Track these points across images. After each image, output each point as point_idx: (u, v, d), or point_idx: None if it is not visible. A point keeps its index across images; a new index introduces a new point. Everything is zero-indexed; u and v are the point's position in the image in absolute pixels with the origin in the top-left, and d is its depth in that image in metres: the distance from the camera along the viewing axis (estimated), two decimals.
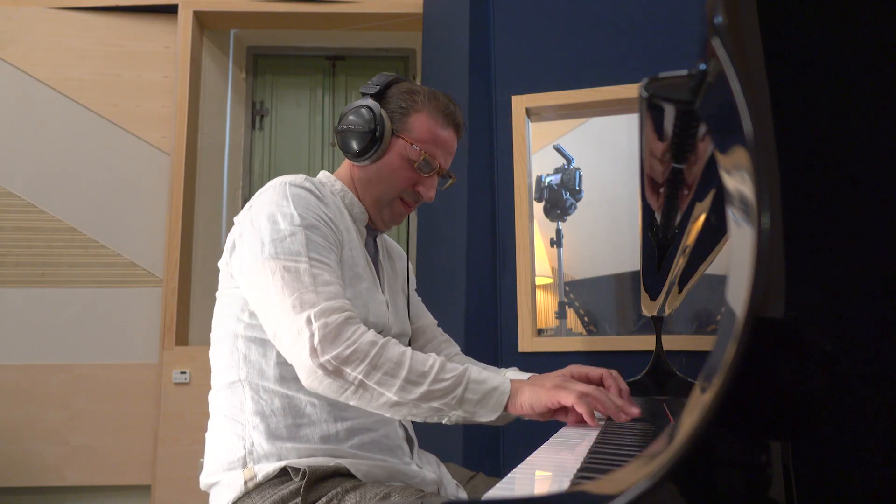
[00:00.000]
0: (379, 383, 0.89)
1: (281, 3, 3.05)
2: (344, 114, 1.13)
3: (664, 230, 0.96)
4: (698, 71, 0.45)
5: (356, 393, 0.90)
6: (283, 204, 0.99)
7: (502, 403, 0.93)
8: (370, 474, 0.98)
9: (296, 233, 0.96)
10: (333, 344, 0.89)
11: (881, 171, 0.36)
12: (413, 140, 1.10)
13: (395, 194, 1.13)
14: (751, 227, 0.36)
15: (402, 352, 0.92)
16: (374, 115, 1.09)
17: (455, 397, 0.90)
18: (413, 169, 1.11)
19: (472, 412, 0.92)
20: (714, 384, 0.36)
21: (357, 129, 1.09)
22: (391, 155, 1.11)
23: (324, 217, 1.02)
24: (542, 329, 2.07)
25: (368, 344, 0.90)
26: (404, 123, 1.11)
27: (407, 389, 0.89)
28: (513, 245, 2.08)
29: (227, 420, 1.01)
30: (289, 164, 3.54)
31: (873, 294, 0.36)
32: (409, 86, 1.15)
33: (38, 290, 2.89)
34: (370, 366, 0.89)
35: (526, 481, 0.68)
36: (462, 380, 0.91)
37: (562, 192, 2.12)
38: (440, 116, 1.13)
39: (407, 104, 1.12)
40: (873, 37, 0.37)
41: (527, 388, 0.94)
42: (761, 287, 0.35)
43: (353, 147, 1.10)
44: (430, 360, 0.92)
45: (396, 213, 1.16)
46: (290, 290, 0.92)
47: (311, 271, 0.94)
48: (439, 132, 1.12)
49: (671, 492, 0.36)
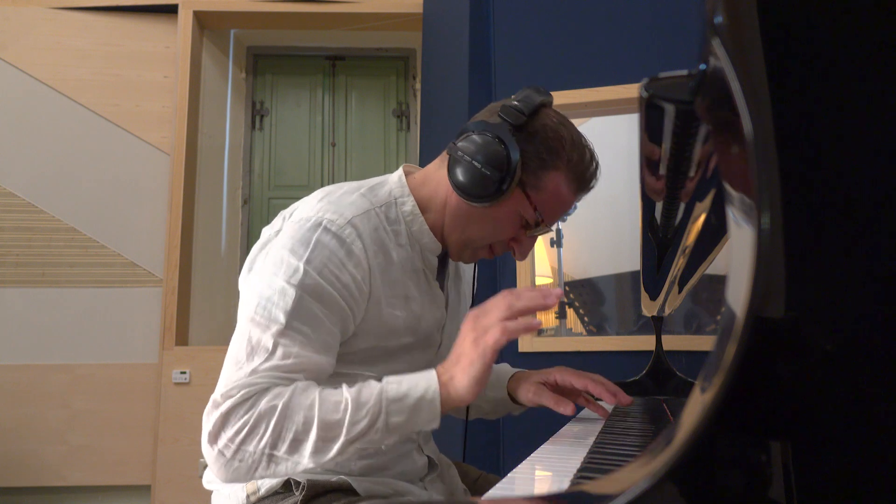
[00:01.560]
0: (289, 451, 0.78)
1: (281, 3, 3.05)
2: (471, 134, 0.90)
3: (664, 230, 0.96)
4: (698, 71, 0.45)
5: (268, 468, 0.79)
6: (298, 252, 0.85)
7: (437, 411, 0.80)
8: (372, 490, 0.93)
9: (286, 292, 0.83)
10: (227, 425, 0.77)
11: (881, 171, 0.36)
12: (537, 201, 0.91)
13: (488, 243, 0.97)
14: (751, 227, 0.36)
15: (310, 404, 0.78)
16: (510, 161, 0.88)
17: (378, 430, 0.78)
18: (520, 226, 0.94)
19: (407, 431, 0.81)
20: (714, 384, 0.36)
21: (480, 170, 0.88)
22: (506, 206, 0.91)
23: (344, 279, 0.86)
24: (542, 329, 2.07)
25: (268, 410, 0.77)
26: (538, 178, 0.90)
27: (323, 450, 0.78)
28: None
29: None
30: (289, 164, 3.54)
31: (873, 294, 0.36)
32: (558, 126, 0.92)
33: (38, 290, 2.89)
34: (273, 436, 0.77)
35: (526, 481, 0.68)
36: (381, 407, 0.78)
37: None
38: (577, 181, 0.93)
39: (549, 157, 0.90)
40: (873, 37, 0.37)
41: (456, 370, 0.80)
42: (761, 287, 0.35)
43: (464, 183, 0.89)
44: (342, 403, 0.79)
45: (477, 256, 1.00)
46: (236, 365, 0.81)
47: (274, 341, 0.81)
48: (569, 198, 0.94)
49: (671, 492, 0.36)
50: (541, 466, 0.78)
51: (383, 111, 3.65)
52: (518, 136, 0.89)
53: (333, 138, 3.61)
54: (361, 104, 3.66)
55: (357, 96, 3.67)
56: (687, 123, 0.56)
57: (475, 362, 0.78)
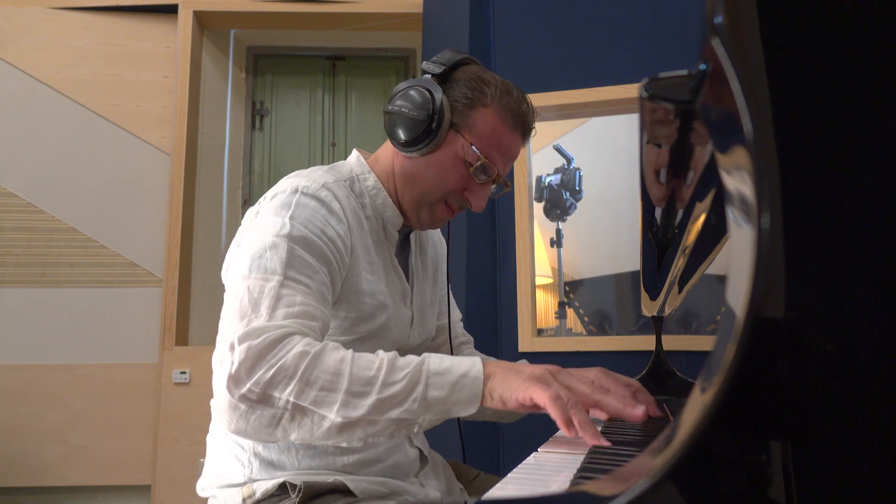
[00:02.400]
0: (315, 403, 0.72)
1: (281, 3, 3.05)
2: (396, 92, 0.96)
3: (664, 230, 0.96)
4: (698, 71, 0.45)
5: (293, 420, 0.73)
6: (281, 213, 0.87)
7: (478, 392, 0.75)
8: (369, 491, 0.93)
9: (278, 245, 0.83)
10: (254, 368, 0.72)
11: (881, 171, 0.36)
12: (473, 140, 0.94)
13: (440, 196, 0.98)
14: (751, 227, 0.36)
15: (341, 358, 0.74)
16: (433, 101, 0.92)
17: (416, 400, 0.73)
18: (466, 172, 0.95)
19: (445, 411, 0.75)
20: (714, 384, 0.36)
21: (409, 115, 0.92)
22: (444, 151, 0.95)
23: (329, 233, 0.88)
24: (542, 329, 2.07)
25: (297, 356, 0.73)
26: (467, 117, 0.94)
27: (351, 405, 0.72)
28: (513, 245, 2.08)
29: (228, 439, 0.95)
30: (289, 164, 3.53)
31: (873, 294, 0.36)
32: (480, 72, 0.97)
33: (38, 290, 2.89)
34: (302, 382, 0.72)
35: (526, 481, 0.68)
36: (420, 377, 0.74)
37: (562, 192, 2.12)
38: (509, 116, 0.95)
39: (474, 95, 0.94)
40: (873, 37, 0.37)
41: (499, 374, 0.76)
42: (761, 287, 0.35)
43: (400, 134, 0.94)
44: (376, 362, 0.75)
45: (437, 216, 1.01)
46: (239, 316, 0.77)
47: (277, 291, 0.79)
48: (505, 135, 0.96)
49: (671, 492, 0.36)
50: (541, 466, 0.78)
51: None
52: (442, 84, 0.95)
53: (333, 138, 3.61)
54: (361, 104, 3.66)
55: (357, 96, 3.67)
56: (687, 123, 0.56)
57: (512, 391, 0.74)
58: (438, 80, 0.95)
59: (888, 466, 0.35)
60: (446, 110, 0.93)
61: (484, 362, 0.78)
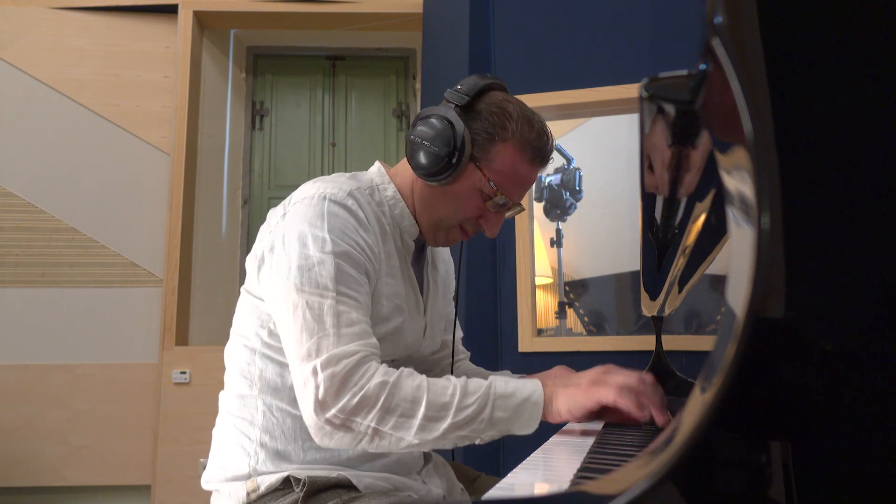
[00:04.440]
0: (395, 427, 0.82)
1: (281, 3, 3.05)
2: (420, 119, 0.98)
3: (664, 230, 0.96)
4: (698, 71, 0.45)
5: (372, 442, 0.83)
6: (317, 224, 0.90)
7: (538, 415, 0.86)
8: (372, 486, 0.94)
9: (325, 261, 0.88)
10: (339, 395, 0.81)
11: (881, 171, 0.36)
12: (492, 175, 0.97)
13: (456, 222, 1.02)
14: (751, 227, 0.36)
15: (418, 385, 0.84)
16: (456, 136, 0.95)
17: (483, 420, 0.83)
18: (482, 203, 0.99)
19: (507, 430, 0.86)
20: (714, 384, 0.36)
21: (431, 149, 0.95)
22: (462, 182, 0.98)
23: (360, 243, 0.92)
24: (542, 329, 2.07)
25: (378, 387, 0.82)
26: (487, 151, 0.96)
27: (428, 428, 0.82)
28: (513, 245, 2.08)
29: (235, 430, 0.97)
30: (289, 164, 3.54)
31: (873, 294, 0.36)
32: (503, 102, 0.98)
33: (38, 290, 2.89)
34: (382, 411, 0.81)
35: (526, 481, 0.68)
36: (487, 399, 0.84)
37: (562, 192, 2.12)
38: (529, 150, 0.98)
39: (495, 129, 0.96)
40: (873, 37, 0.37)
41: (561, 392, 0.87)
42: (761, 287, 0.35)
43: (421, 164, 0.97)
44: (449, 388, 0.84)
45: (452, 238, 1.05)
46: (308, 333, 0.84)
47: (335, 309, 0.85)
48: (523, 169, 0.98)
49: (671, 492, 0.36)
50: (541, 467, 0.78)
51: (383, 111, 3.65)
52: (464, 115, 0.97)
53: (333, 138, 3.61)
54: (361, 104, 3.66)
55: (357, 96, 3.67)
56: (687, 123, 0.56)
57: (578, 401, 0.85)
58: (461, 110, 0.97)
59: (888, 466, 0.35)
60: (467, 144, 0.96)
61: (543, 382, 0.88)
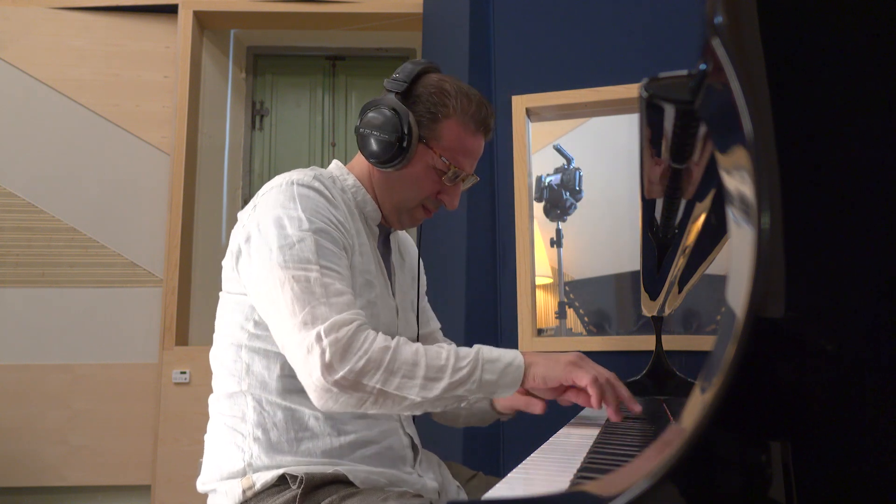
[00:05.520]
0: (399, 388, 0.87)
1: (281, 3, 3.05)
2: (365, 111, 1.04)
3: (664, 230, 0.96)
4: (698, 71, 0.45)
5: (376, 402, 0.88)
6: (290, 206, 0.94)
7: (519, 377, 0.92)
8: (368, 481, 0.96)
9: (304, 238, 0.91)
10: (345, 358, 0.85)
11: (881, 171, 0.36)
12: (441, 151, 1.03)
13: (417, 202, 1.07)
14: (751, 227, 0.36)
15: (415, 350, 0.90)
16: (401, 121, 1.01)
17: (475, 381, 0.89)
18: (438, 178, 1.05)
19: (492, 391, 0.91)
20: (714, 384, 0.36)
21: (380, 137, 1.01)
22: (416, 164, 1.04)
23: (333, 220, 0.97)
24: (542, 329, 2.07)
25: (381, 350, 0.87)
26: (433, 131, 1.03)
27: (428, 387, 0.87)
28: (513, 245, 2.08)
29: (227, 429, 0.99)
30: (289, 164, 3.53)
31: (873, 294, 0.36)
32: (439, 82, 1.05)
33: (38, 290, 2.89)
34: (387, 372, 0.86)
35: (526, 481, 0.68)
36: (478, 363, 0.90)
37: (562, 192, 2.12)
38: (472, 123, 1.04)
39: (436, 108, 1.03)
40: (873, 37, 0.37)
41: (541, 361, 0.94)
42: (761, 287, 0.35)
43: (374, 152, 1.02)
44: (443, 353, 0.90)
45: (416, 218, 1.11)
46: (300, 303, 0.88)
47: (322, 280, 0.89)
48: (469, 140, 1.04)
49: (671, 492, 0.36)
50: (541, 466, 0.78)
51: None
52: (405, 101, 1.03)
53: (333, 138, 3.61)
54: (361, 104, 3.65)
55: (357, 96, 3.67)
56: (687, 123, 0.56)
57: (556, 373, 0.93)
58: (402, 97, 1.03)
59: (888, 466, 0.35)
60: (414, 127, 1.01)
61: (524, 354, 0.95)
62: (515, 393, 1.03)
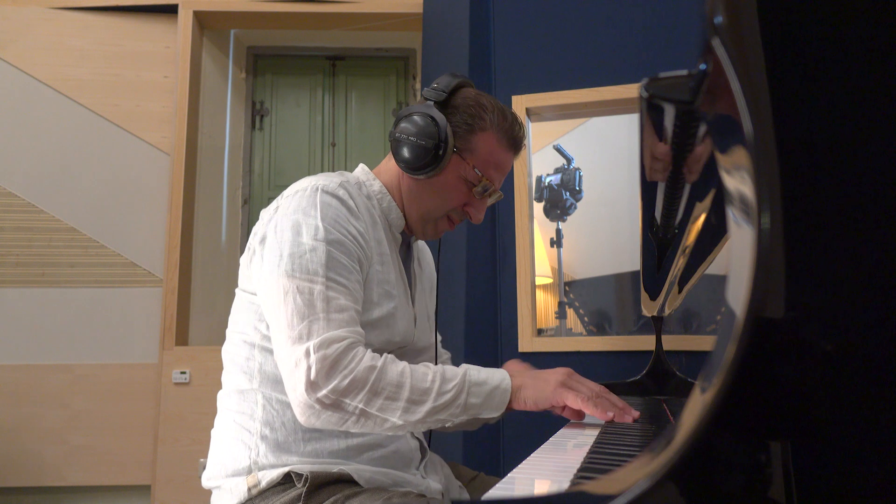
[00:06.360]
0: (381, 409, 0.86)
1: (281, 3, 3.05)
2: (403, 117, 1.04)
3: (664, 230, 0.96)
4: (698, 71, 0.45)
5: (358, 422, 0.88)
6: (311, 213, 0.94)
7: (505, 401, 0.92)
8: (373, 481, 0.96)
9: (317, 248, 0.91)
10: (330, 376, 0.85)
11: (881, 171, 0.36)
12: (475, 162, 1.04)
13: (443, 212, 1.08)
14: (751, 227, 0.36)
15: (401, 371, 0.89)
16: (439, 130, 1.01)
17: (459, 405, 0.89)
18: (468, 190, 1.06)
19: (476, 414, 0.91)
20: (714, 384, 0.36)
21: (416, 143, 1.01)
22: (448, 173, 1.04)
23: (352, 232, 0.96)
24: (542, 329, 2.07)
25: (366, 370, 0.87)
26: (468, 142, 1.04)
27: (411, 410, 0.87)
28: (513, 245, 2.08)
29: (235, 425, 0.99)
30: (289, 164, 3.53)
31: (873, 294, 0.36)
32: (477, 96, 1.06)
33: (38, 290, 2.89)
34: (370, 393, 0.86)
35: (526, 481, 0.68)
36: (464, 386, 0.90)
37: (562, 192, 2.12)
38: (505, 139, 1.06)
39: (473, 121, 1.04)
40: (873, 37, 0.37)
41: (529, 384, 0.93)
42: (761, 287, 0.35)
43: (408, 158, 1.02)
44: (429, 375, 0.90)
45: (439, 229, 1.11)
46: (299, 316, 0.88)
47: (325, 294, 0.89)
48: (502, 155, 1.06)
49: (671, 492, 0.36)
50: (541, 466, 0.78)
51: (383, 111, 3.65)
52: (443, 111, 1.04)
53: (333, 138, 3.61)
54: (361, 104, 3.66)
55: (357, 96, 3.67)
56: (687, 123, 0.56)
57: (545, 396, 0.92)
58: (440, 106, 1.03)
59: (888, 466, 0.35)
60: (450, 136, 1.02)
61: (509, 372, 0.95)
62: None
